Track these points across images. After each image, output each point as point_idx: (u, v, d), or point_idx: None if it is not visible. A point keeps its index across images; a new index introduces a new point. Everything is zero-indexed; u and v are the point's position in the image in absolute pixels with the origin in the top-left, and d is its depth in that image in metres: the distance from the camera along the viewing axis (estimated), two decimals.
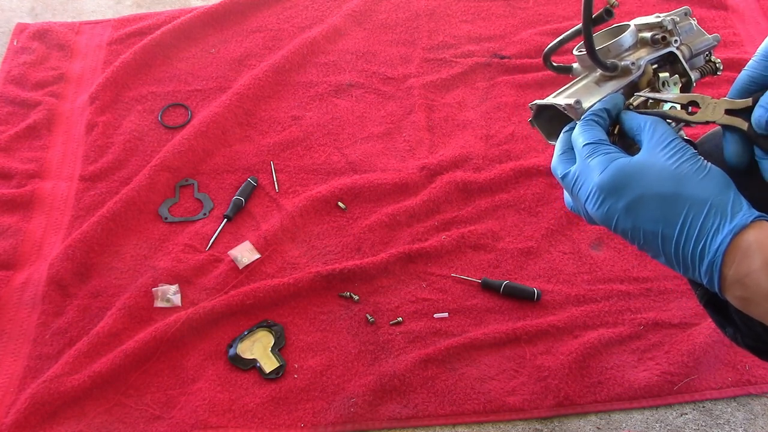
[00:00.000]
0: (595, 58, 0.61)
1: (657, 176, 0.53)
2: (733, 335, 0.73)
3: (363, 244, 1.25)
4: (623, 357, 1.11)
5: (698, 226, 0.52)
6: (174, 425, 1.05)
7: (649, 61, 0.63)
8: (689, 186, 0.52)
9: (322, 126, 1.43)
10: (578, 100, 0.61)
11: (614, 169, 0.54)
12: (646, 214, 0.53)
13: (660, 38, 0.63)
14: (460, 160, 1.36)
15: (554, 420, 1.06)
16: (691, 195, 0.52)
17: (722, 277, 0.51)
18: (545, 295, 1.18)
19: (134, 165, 1.37)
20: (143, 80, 1.52)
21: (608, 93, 0.62)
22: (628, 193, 0.54)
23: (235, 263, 1.22)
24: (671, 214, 0.52)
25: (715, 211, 0.51)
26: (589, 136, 0.58)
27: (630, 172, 0.54)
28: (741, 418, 1.06)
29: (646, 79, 0.63)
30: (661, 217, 0.53)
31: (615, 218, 0.55)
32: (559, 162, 0.60)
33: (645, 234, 0.54)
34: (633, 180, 0.54)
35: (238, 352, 1.12)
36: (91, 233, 1.24)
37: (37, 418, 1.05)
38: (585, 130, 0.59)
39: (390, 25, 1.62)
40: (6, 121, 1.45)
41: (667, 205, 0.53)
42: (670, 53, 0.64)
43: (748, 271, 0.50)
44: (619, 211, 0.54)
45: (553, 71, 0.70)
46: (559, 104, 0.63)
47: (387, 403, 1.07)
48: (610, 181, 0.54)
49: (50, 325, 1.15)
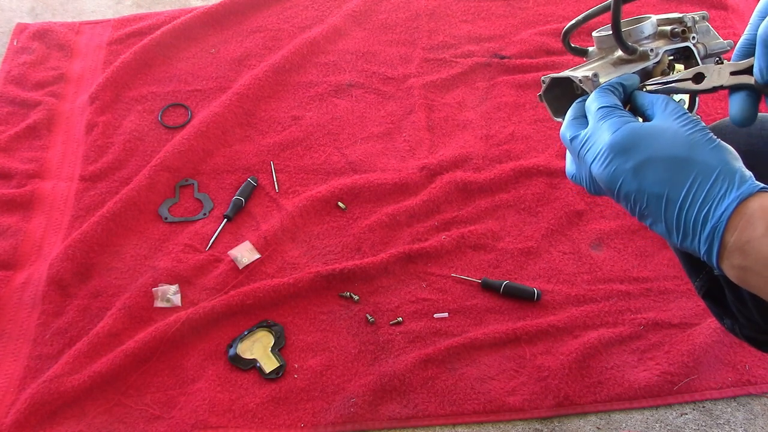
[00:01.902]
0: (619, 37, 0.62)
1: (670, 139, 0.54)
2: (731, 327, 0.73)
3: (363, 244, 1.25)
4: (623, 357, 1.11)
5: (705, 191, 0.52)
6: (174, 425, 1.05)
7: (666, 51, 0.64)
8: (700, 152, 0.53)
9: (322, 126, 1.43)
10: (596, 74, 0.63)
11: (627, 130, 0.55)
12: (654, 176, 0.54)
13: (680, 32, 0.65)
14: (460, 160, 1.36)
15: (554, 420, 1.06)
16: (701, 160, 0.53)
17: (722, 245, 0.51)
18: (545, 295, 1.18)
19: (134, 165, 1.37)
20: (143, 80, 1.52)
21: (632, 68, 0.63)
22: (639, 153, 0.54)
23: (235, 263, 1.22)
24: (679, 177, 0.53)
25: (723, 177, 0.52)
26: (605, 101, 0.59)
27: (643, 134, 0.55)
28: (741, 418, 1.06)
29: (660, 69, 0.65)
30: (669, 180, 0.53)
31: (621, 179, 0.55)
32: (569, 126, 0.61)
33: (649, 197, 0.54)
34: (645, 141, 0.54)
35: (238, 352, 1.12)
36: (91, 233, 1.24)
37: (37, 418, 1.05)
38: (600, 96, 0.60)
39: (390, 25, 1.62)
40: (6, 121, 1.45)
41: (676, 167, 0.53)
42: (686, 48, 0.65)
43: (749, 238, 0.50)
44: (627, 171, 0.54)
45: (570, 51, 0.71)
46: (576, 77, 0.64)
47: (387, 403, 1.07)
48: (622, 141, 0.55)
49: (50, 325, 1.15)
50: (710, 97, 1.44)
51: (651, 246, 1.24)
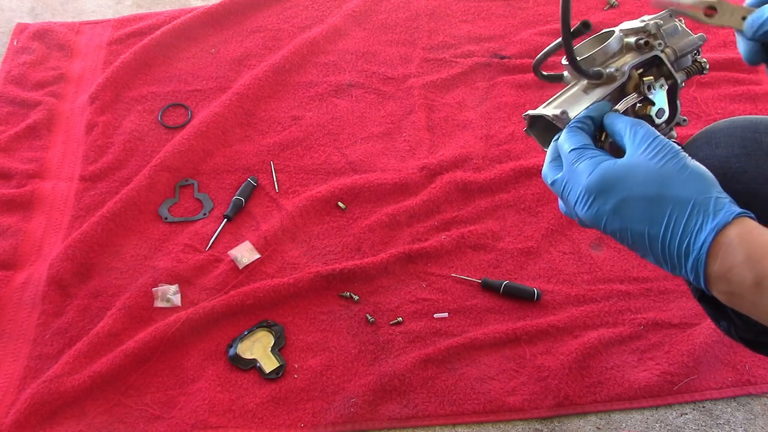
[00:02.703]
0: (578, 69, 0.62)
1: (641, 178, 0.55)
2: (728, 329, 0.74)
3: (363, 244, 1.25)
4: (623, 357, 1.10)
5: (682, 225, 0.53)
6: (174, 425, 1.05)
7: (633, 66, 0.64)
8: (672, 186, 0.54)
9: (322, 126, 1.43)
10: (564, 111, 0.63)
11: (600, 172, 0.56)
12: (633, 215, 0.55)
13: (643, 43, 0.64)
14: (460, 160, 1.36)
15: (554, 420, 1.06)
16: (674, 195, 0.54)
17: (707, 274, 0.53)
18: (545, 295, 1.18)
19: (134, 165, 1.37)
20: (143, 80, 1.52)
21: (595, 100, 0.63)
22: (615, 194, 0.55)
23: (235, 263, 1.22)
24: (656, 215, 0.54)
25: (698, 210, 0.53)
26: (574, 142, 0.60)
27: (615, 175, 0.56)
28: (741, 418, 1.06)
29: (633, 84, 0.64)
30: (647, 218, 0.54)
31: (604, 219, 0.56)
32: (549, 169, 0.62)
33: (633, 234, 0.56)
34: (619, 182, 0.55)
35: (238, 352, 1.12)
36: (91, 233, 1.24)
37: (37, 418, 1.05)
38: (570, 137, 0.61)
39: (390, 25, 1.62)
40: (6, 121, 1.45)
41: (651, 205, 0.54)
42: (655, 56, 0.65)
43: (731, 266, 0.51)
44: (608, 212, 0.56)
45: (545, 80, 0.71)
46: (547, 115, 0.65)
47: (387, 403, 1.07)
48: (597, 184, 0.56)
49: (50, 325, 1.15)
50: (710, 96, 1.44)
51: None
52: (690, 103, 1.43)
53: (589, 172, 0.57)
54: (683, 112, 0.67)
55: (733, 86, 1.46)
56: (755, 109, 1.42)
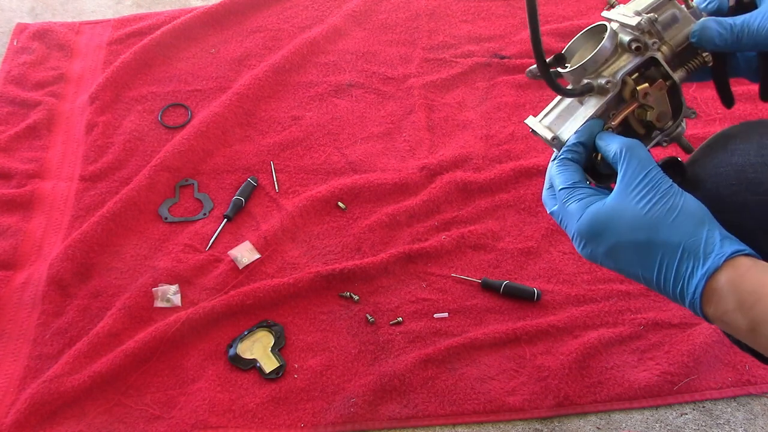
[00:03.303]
0: (566, 94, 0.60)
1: (629, 222, 0.55)
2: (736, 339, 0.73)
3: (363, 244, 1.25)
4: (623, 357, 1.10)
5: (674, 271, 0.53)
6: (174, 425, 1.05)
7: (626, 73, 0.60)
8: (661, 231, 0.54)
9: (322, 126, 1.43)
10: (554, 136, 0.62)
11: (589, 217, 0.57)
12: (625, 259, 0.56)
13: (635, 48, 0.60)
14: (460, 160, 1.36)
15: (554, 420, 1.06)
16: (663, 240, 0.54)
17: (705, 314, 0.54)
18: (545, 295, 1.18)
19: (134, 165, 1.37)
20: (143, 80, 1.52)
21: (589, 115, 0.61)
22: (605, 240, 0.56)
23: (235, 263, 1.22)
24: (647, 260, 0.54)
25: (687, 254, 0.53)
26: (564, 179, 0.60)
27: (603, 220, 0.56)
28: (741, 418, 1.06)
29: (629, 90, 0.61)
30: (638, 263, 0.55)
31: (598, 260, 0.58)
32: (547, 197, 0.63)
33: (628, 275, 0.57)
34: (608, 227, 0.56)
35: (238, 352, 1.12)
36: (91, 233, 1.24)
37: (37, 418, 1.05)
38: (560, 172, 0.61)
39: (390, 25, 1.62)
40: (6, 121, 1.45)
41: (641, 251, 0.55)
42: (650, 58, 0.60)
43: (725, 311, 0.52)
44: (601, 255, 0.57)
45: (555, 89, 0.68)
46: (542, 136, 0.63)
47: (387, 403, 1.07)
48: (587, 230, 0.57)
49: (50, 325, 1.15)
50: (710, 96, 1.44)
51: None
52: (690, 103, 1.42)
53: (579, 215, 0.57)
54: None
55: (733, 86, 1.45)
56: (755, 109, 1.42)
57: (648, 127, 0.63)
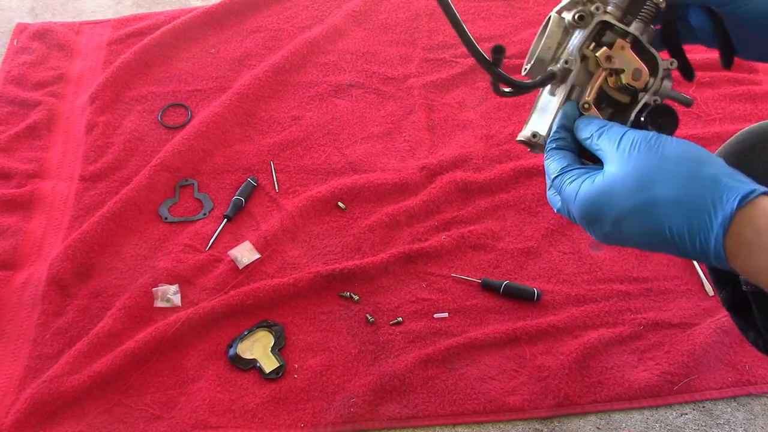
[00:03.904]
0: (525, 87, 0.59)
1: (623, 190, 0.50)
2: (755, 340, 0.71)
3: (363, 244, 1.25)
4: (623, 357, 1.11)
5: (686, 228, 0.47)
6: (174, 425, 1.05)
7: (580, 46, 0.58)
8: (656, 186, 0.48)
9: (322, 126, 1.43)
10: (534, 132, 0.60)
11: (583, 197, 0.52)
12: (633, 231, 0.50)
13: (578, 18, 0.58)
14: (460, 160, 1.36)
15: (554, 420, 1.06)
16: (662, 196, 0.48)
17: (734, 267, 0.47)
18: (545, 295, 1.18)
19: (134, 165, 1.37)
20: (143, 80, 1.52)
21: (561, 100, 0.59)
22: (606, 217, 0.51)
23: (235, 263, 1.22)
24: (654, 223, 0.49)
25: (694, 205, 0.46)
26: (555, 168, 0.57)
27: (598, 195, 0.51)
28: (741, 418, 1.06)
29: (593, 62, 0.59)
30: (647, 230, 0.49)
31: (614, 240, 0.53)
32: (551, 197, 0.60)
33: (639, 245, 0.51)
34: (603, 202, 0.51)
35: (238, 352, 1.12)
36: (91, 233, 1.24)
37: (37, 418, 1.05)
38: (550, 163, 0.58)
39: (390, 25, 1.62)
40: (6, 121, 1.45)
41: (644, 215, 0.49)
42: (599, 23, 0.58)
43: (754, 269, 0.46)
44: (607, 234, 0.52)
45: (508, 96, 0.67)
46: (524, 140, 0.62)
47: (387, 403, 1.07)
48: (585, 209, 0.52)
49: (50, 325, 1.15)
50: (710, 96, 1.44)
51: None
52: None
53: (573, 199, 0.53)
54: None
55: (733, 86, 1.46)
56: (755, 109, 1.42)
57: (630, 92, 0.60)
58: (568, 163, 0.56)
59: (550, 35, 0.59)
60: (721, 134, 1.37)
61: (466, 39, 0.55)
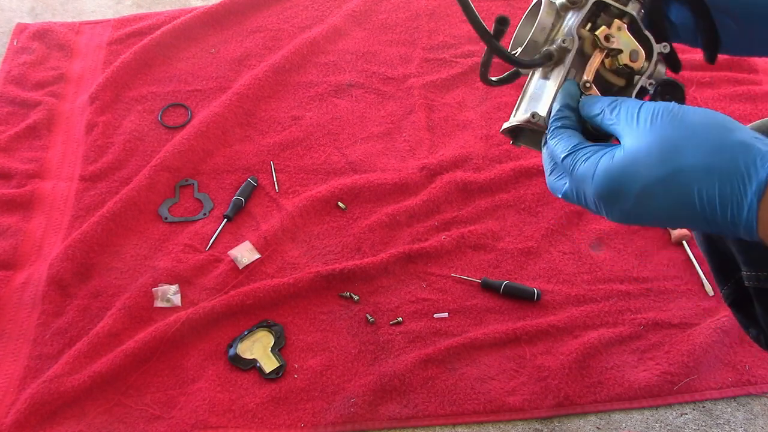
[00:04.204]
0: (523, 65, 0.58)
1: (646, 162, 0.47)
2: (757, 336, 0.71)
3: (363, 244, 1.25)
4: (623, 357, 1.11)
5: (717, 198, 0.44)
6: (174, 425, 1.05)
7: (577, 26, 0.57)
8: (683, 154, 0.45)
9: (322, 126, 1.43)
10: (533, 113, 0.58)
11: (602, 173, 0.49)
12: (659, 205, 0.47)
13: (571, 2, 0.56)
14: (460, 160, 1.36)
15: (554, 420, 1.06)
16: (690, 165, 0.45)
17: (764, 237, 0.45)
18: (545, 295, 1.18)
19: (134, 165, 1.37)
20: (143, 80, 1.52)
21: (558, 84, 0.57)
22: (629, 192, 0.48)
23: (235, 263, 1.22)
24: (681, 196, 0.46)
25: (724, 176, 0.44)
26: (563, 147, 0.53)
27: (619, 171, 0.48)
28: (741, 418, 1.06)
29: (589, 42, 0.58)
30: (673, 202, 0.46)
31: (634, 218, 0.49)
32: (552, 182, 0.56)
33: (667, 219, 0.48)
34: (625, 177, 0.48)
35: (238, 352, 1.12)
36: (91, 233, 1.24)
37: (37, 418, 1.05)
38: (557, 142, 0.54)
39: (390, 25, 1.62)
40: (6, 121, 1.45)
41: (671, 187, 0.46)
42: (594, 4, 0.57)
43: None
44: (632, 212, 0.49)
45: (497, 85, 0.66)
46: (519, 124, 0.59)
47: (387, 403, 1.07)
48: (606, 187, 0.49)
49: (50, 325, 1.15)
50: (710, 96, 1.44)
51: (651, 246, 1.24)
52: (690, 103, 1.42)
53: (590, 177, 0.50)
54: None
55: (733, 86, 1.46)
56: (755, 109, 1.42)
57: (626, 75, 0.58)
58: (579, 141, 0.53)
59: (543, 17, 0.58)
60: None
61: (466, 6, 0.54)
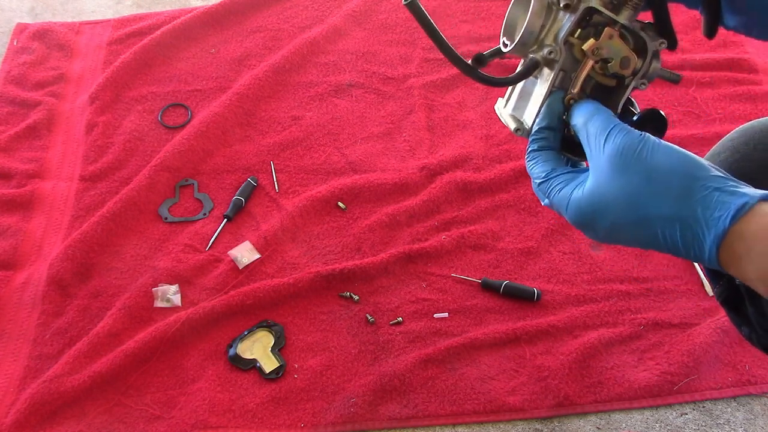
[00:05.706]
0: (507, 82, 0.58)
1: (614, 205, 0.50)
2: (749, 335, 0.71)
3: (363, 244, 1.25)
4: (623, 357, 1.11)
5: (679, 240, 0.48)
6: (174, 425, 1.05)
7: (567, 34, 0.56)
8: (649, 205, 0.49)
9: (322, 126, 1.43)
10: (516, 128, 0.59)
11: (574, 208, 0.53)
12: (627, 237, 0.51)
13: (564, 6, 0.55)
14: (460, 160, 1.36)
15: (554, 420, 1.06)
16: (655, 214, 0.49)
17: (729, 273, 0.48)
18: (545, 295, 1.18)
19: (134, 165, 1.37)
20: (143, 80, 1.52)
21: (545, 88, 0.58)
22: (599, 225, 0.52)
23: (235, 263, 1.22)
24: (648, 235, 0.50)
25: (687, 223, 0.47)
26: (538, 173, 0.57)
27: (589, 207, 0.52)
28: (741, 418, 1.06)
29: (579, 49, 0.57)
30: (642, 238, 0.50)
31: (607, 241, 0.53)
32: (536, 191, 0.59)
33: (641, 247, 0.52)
34: (596, 213, 0.51)
35: (238, 352, 1.12)
36: (91, 233, 1.24)
37: (37, 418, 1.05)
38: (532, 167, 0.58)
39: (390, 25, 1.62)
40: (6, 121, 1.45)
41: (639, 228, 0.50)
42: (586, 9, 0.55)
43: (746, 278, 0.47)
44: (604, 238, 0.53)
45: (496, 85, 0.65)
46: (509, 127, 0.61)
47: (387, 403, 1.07)
48: (578, 220, 0.53)
49: (50, 325, 1.15)
50: (710, 96, 1.44)
51: None
52: (690, 103, 1.43)
53: (564, 207, 0.54)
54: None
55: (733, 86, 1.46)
56: (755, 109, 1.42)
57: (618, 77, 0.58)
58: (552, 168, 0.56)
59: (532, 19, 0.57)
60: (721, 134, 1.35)
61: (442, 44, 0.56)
